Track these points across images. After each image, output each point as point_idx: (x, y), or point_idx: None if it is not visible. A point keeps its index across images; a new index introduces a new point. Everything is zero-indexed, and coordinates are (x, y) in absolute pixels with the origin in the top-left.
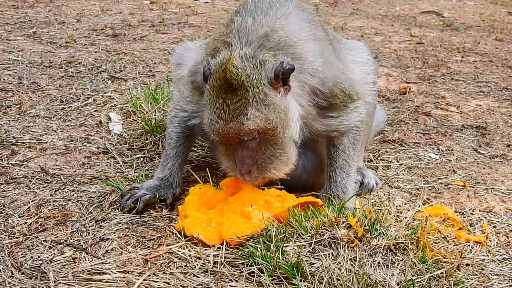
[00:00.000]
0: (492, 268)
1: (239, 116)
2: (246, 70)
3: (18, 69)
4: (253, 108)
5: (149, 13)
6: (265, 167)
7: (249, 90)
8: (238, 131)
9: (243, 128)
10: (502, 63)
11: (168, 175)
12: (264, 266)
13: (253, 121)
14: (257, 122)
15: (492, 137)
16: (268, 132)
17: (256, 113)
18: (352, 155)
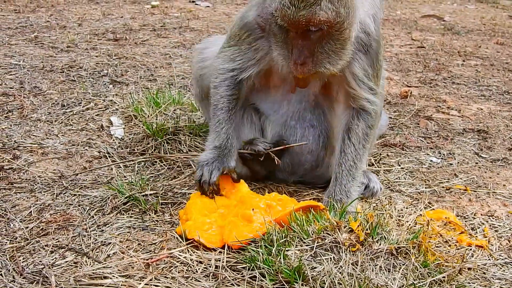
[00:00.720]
0: (494, 272)
1: (313, 5)
2: None
3: (20, 73)
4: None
5: (150, 18)
6: (321, 60)
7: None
8: (309, 19)
9: (314, 18)
10: (503, 67)
11: (225, 141)
12: (266, 270)
13: (325, 12)
14: (328, 14)
15: (493, 141)
16: (335, 26)
17: (329, 4)
18: (361, 154)
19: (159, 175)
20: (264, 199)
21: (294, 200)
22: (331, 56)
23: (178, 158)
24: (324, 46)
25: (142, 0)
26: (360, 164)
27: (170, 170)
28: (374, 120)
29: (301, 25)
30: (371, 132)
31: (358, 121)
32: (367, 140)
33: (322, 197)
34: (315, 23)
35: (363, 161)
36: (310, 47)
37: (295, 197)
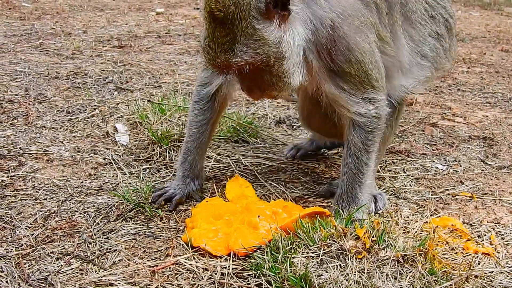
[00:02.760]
0: (501, 280)
1: (227, 51)
2: (234, 0)
3: (25, 80)
4: (240, 44)
5: (155, 24)
6: (267, 88)
7: (236, 24)
8: (228, 65)
9: (231, 64)
10: (508, 74)
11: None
12: (272, 278)
13: (240, 57)
14: (245, 59)
15: (499, 148)
16: (260, 65)
17: (244, 48)
18: (364, 160)
19: (165, 182)
20: (270, 206)
21: (300, 206)
22: (274, 86)
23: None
24: (263, 77)
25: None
26: (365, 169)
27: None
28: (375, 123)
29: (223, 70)
30: (375, 134)
31: (354, 130)
32: (370, 144)
33: (328, 203)
34: (234, 68)
35: (369, 164)
36: (250, 79)
37: (300, 203)
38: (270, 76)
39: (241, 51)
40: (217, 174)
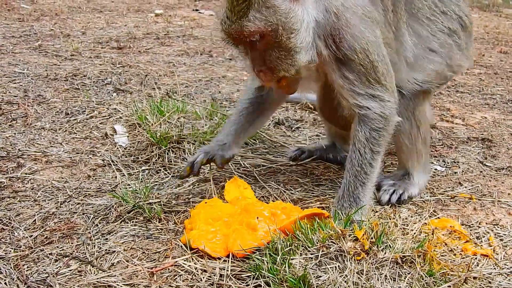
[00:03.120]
0: (499, 282)
1: (242, 17)
2: None
3: (24, 81)
4: (254, 10)
5: (154, 26)
6: (274, 67)
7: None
8: (240, 32)
9: (244, 30)
10: (507, 76)
11: (224, 138)
12: (271, 279)
13: (253, 23)
14: (257, 24)
15: (498, 149)
16: (270, 35)
17: (257, 14)
18: (369, 158)
19: (163, 183)
20: (268, 207)
21: (298, 208)
22: (282, 62)
23: (182, 167)
24: (272, 53)
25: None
26: (369, 169)
27: (174, 178)
28: (380, 122)
29: (235, 38)
30: (380, 134)
31: (360, 126)
32: (375, 143)
33: (327, 204)
34: (246, 35)
35: (374, 165)
36: (260, 56)
37: (299, 204)
38: (279, 51)
39: (254, 17)
40: (215, 175)
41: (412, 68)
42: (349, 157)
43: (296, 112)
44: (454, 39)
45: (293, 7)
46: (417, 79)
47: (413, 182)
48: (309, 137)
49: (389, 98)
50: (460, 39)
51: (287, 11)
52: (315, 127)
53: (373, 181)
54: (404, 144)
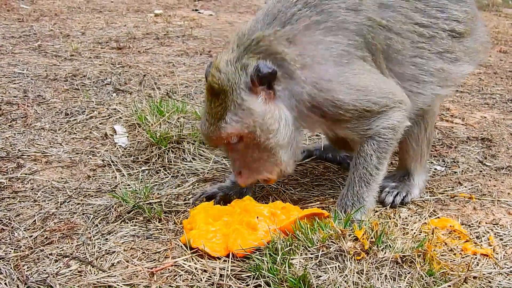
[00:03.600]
0: (499, 281)
1: (219, 120)
2: (228, 75)
3: (23, 82)
4: (231, 113)
5: (153, 26)
6: (255, 168)
7: (228, 95)
8: (218, 135)
9: (221, 133)
10: (506, 75)
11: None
12: (271, 279)
13: (230, 125)
14: (234, 127)
15: (497, 149)
16: (249, 137)
17: (234, 117)
18: (375, 163)
19: (163, 183)
20: (268, 207)
21: (298, 207)
22: (263, 164)
23: (182, 167)
24: (252, 154)
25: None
26: (374, 171)
27: (174, 178)
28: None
29: (214, 141)
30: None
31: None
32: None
33: (327, 204)
34: (224, 138)
35: (380, 169)
36: (239, 157)
37: (299, 204)
38: (259, 152)
39: (231, 119)
40: (215, 175)
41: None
42: (353, 161)
43: None
44: (447, 58)
45: (268, 108)
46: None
47: (414, 183)
48: (309, 137)
49: (396, 110)
50: (454, 52)
51: (263, 113)
52: None
53: (378, 182)
54: (411, 147)
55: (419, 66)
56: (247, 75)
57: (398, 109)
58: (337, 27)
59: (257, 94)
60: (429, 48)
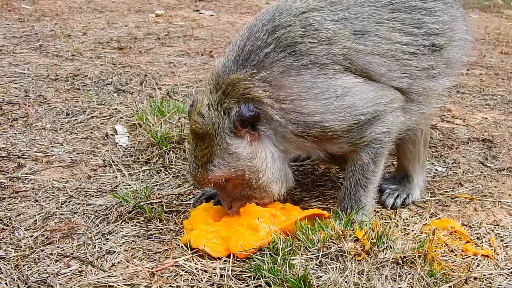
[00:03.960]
0: (500, 282)
1: (206, 164)
2: (211, 119)
3: (25, 82)
4: (218, 157)
5: (154, 26)
6: (247, 201)
7: (214, 138)
8: (205, 178)
9: (209, 176)
10: (507, 76)
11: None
12: (271, 279)
13: (218, 169)
14: (222, 170)
15: (498, 150)
16: (237, 178)
17: (221, 161)
18: (372, 169)
19: (164, 183)
20: (268, 208)
21: (298, 208)
22: (255, 197)
23: (183, 167)
24: (242, 192)
25: (147, 9)
26: (371, 175)
27: (175, 178)
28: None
29: (201, 183)
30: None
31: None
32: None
33: (327, 205)
34: (212, 180)
35: (376, 171)
36: (229, 194)
37: (300, 205)
38: (250, 190)
39: (218, 163)
40: None
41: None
42: (349, 166)
43: None
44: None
45: (254, 149)
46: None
47: (414, 185)
48: None
49: (387, 113)
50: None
51: (249, 155)
52: None
53: (376, 183)
54: (408, 150)
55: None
56: (230, 119)
57: (391, 109)
58: (312, 64)
59: (242, 137)
60: (415, 65)
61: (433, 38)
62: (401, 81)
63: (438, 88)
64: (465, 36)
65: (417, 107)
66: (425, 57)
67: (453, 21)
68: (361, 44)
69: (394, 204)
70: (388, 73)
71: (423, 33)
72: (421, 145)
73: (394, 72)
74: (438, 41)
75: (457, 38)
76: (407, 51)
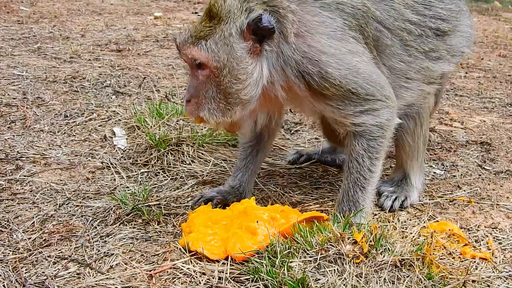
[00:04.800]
0: (498, 285)
1: (199, 39)
2: (231, 7)
3: (23, 84)
4: (213, 40)
5: (153, 29)
6: (203, 104)
7: (221, 24)
8: (189, 51)
9: (193, 51)
10: (505, 79)
11: (238, 185)
12: (270, 282)
13: (205, 51)
14: (208, 54)
15: (496, 153)
16: (214, 71)
17: (213, 45)
18: (368, 165)
19: (162, 185)
20: (267, 210)
21: (297, 210)
22: (212, 104)
23: (181, 169)
24: (209, 90)
25: (145, 11)
26: (368, 175)
27: (173, 180)
28: (378, 131)
29: (183, 54)
30: (379, 142)
31: (356, 140)
32: (374, 151)
33: (326, 207)
34: (192, 56)
35: (373, 171)
36: (196, 86)
37: (298, 207)
38: (217, 92)
39: (209, 45)
40: (214, 178)
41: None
42: (346, 165)
43: (295, 115)
44: (431, 56)
45: (247, 59)
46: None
47: (412, 186)
48: (308, 140)
49: (383, 106)
50: (438, 50)
51: (240, 59)
52: (314, 130)
53: (374, 185)
54: (406, 143)
55: (407, 63)
56: (246, 18)
57: (386, 104)
58: (334, 6)
59: (245, 40)
60: (416, 47)
61: (439, 22)
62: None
63: (438, 70)
64: (468, 29)
65: (416, 84)
66: (428, 39)
67: (459, 13)
68: (378, 10)
69: (392, 207)
70: (392, 47)
71: (431, 15)
72: (421, 141)
73: (396, 49)
74: (444, 27)
75: (461, 29)
76: (413, 32)
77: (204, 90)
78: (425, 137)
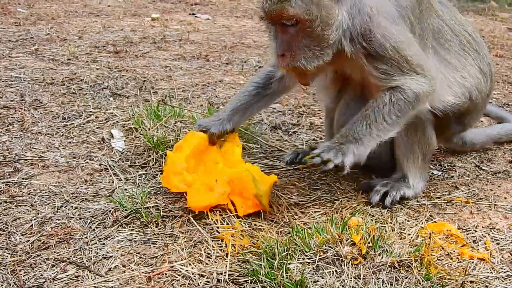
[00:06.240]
0: (496, 285)
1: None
2: None
3: (20, 86)
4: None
5: (150, 30)
6: (298, 56)
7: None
8: (279, 13)
9: (283, 12)
10: (502, 79)
11: (222, 112)
12: (268, 284)
13: (294, 8)
14: (297, 10)
15: (494, 153)
16: (306, 23)
17: (300, 2)
18: (386, 112)
19: (161, 187)
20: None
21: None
22: (307, 53)
23: None
24: (301, 42)
25: (143, 13)
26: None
27: None
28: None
29: (273, 18)
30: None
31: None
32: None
33: (324, 209)
34: (285, 17)
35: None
36: (289, 40)
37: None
38: (309, 41)
39: (296, 2)
40: None
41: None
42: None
43: (293, 116)
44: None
45: (334, 5)
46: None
47: (408, 185)
48: (306, 141)
49: (426, 82)
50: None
51: (328, 7)
52: (312, 131)
53: (379, 135)
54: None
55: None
56: None
57: (429, 82)
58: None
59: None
60: (473, 58)
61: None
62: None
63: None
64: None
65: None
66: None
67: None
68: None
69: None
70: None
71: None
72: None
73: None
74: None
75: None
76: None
77: (297, 42)
78: (424, 135)
